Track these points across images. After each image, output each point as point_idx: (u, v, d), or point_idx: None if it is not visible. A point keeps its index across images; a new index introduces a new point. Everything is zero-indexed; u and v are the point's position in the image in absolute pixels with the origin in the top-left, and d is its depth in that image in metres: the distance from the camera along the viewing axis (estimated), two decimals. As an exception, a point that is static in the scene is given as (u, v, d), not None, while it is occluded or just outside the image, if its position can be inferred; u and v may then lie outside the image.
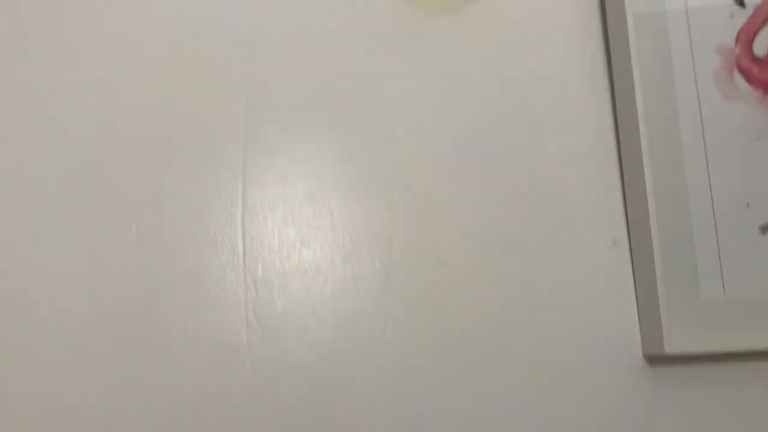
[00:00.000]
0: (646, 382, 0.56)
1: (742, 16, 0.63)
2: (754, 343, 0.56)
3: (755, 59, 0.63)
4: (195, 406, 0.51)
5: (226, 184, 0.55)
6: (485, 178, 0.59)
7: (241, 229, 0.55)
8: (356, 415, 0.53)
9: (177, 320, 0.52)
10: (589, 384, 0.57)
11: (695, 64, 0.62)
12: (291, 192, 0.56)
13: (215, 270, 0.54)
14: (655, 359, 0.57)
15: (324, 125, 0.58)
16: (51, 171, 0.54)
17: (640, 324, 0.58)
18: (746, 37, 0.63)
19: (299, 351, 0.53)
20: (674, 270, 0.57)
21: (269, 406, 0.52)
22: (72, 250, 0.53)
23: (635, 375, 0.57)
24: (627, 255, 0.59)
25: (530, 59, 0.62)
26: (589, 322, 0.58)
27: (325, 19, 0.60)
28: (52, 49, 0.56)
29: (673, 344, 0.55)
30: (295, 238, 0.55)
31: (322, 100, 0.58)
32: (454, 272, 0.57)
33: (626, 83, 0.60)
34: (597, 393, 0.57)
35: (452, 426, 0.54)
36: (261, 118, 0.57)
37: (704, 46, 0.62)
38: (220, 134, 0.56)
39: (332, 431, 0.52)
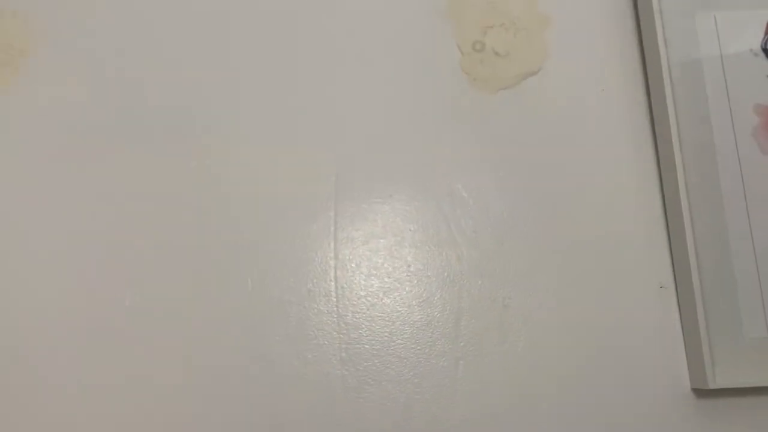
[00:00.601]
0: (694, 414, 0.63)
1: (778, 77, 0.69)
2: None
3: (791, 117, 0.68)
4: (303, 428, 0.62)
5: (321, 244, 0.67)
6: (542, 233, 0.68)
7: (334, 281, 0.66)
8: (432, 430, 0.62)
9: (285, 359, 0.64)
10: (643, 415, 0.63)
11: (734, 122, 0.68)
12: (374, 249, 0.67)
13: (314, 316, 0.65)
14: (702, 393, 0.63)
15: (401, 192, 0.68)
16: (173, 237, 0.67)
17: (687, 361, 0.64)
18: (783, 95, 0.69)
19: (384, 384, 0.63)
20: (717, 310, 0.64)
21: (359, 429, 0.62)
22: (198, 298, 0.65)
23: (684, 407, 0.63)
24: (674, 298, 0.66)
25: (579, 124, 0.70)
26: (641, 360, 0.65)
27: (400, 100, 0.71)
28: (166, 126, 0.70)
29: (717, 379, 0.61)
30: (378, 288, 0.66)
31: (398, 170, 0.69)
32: (516, 315, 0.66)
33: (666, 140, 0.67)
34: (650, 423, 0.63)
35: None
36: (348, 189, 0.68)
37: (742, 106, 0.69)
38: (315, 203, 0.68)
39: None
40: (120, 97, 0.70)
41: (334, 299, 0.66)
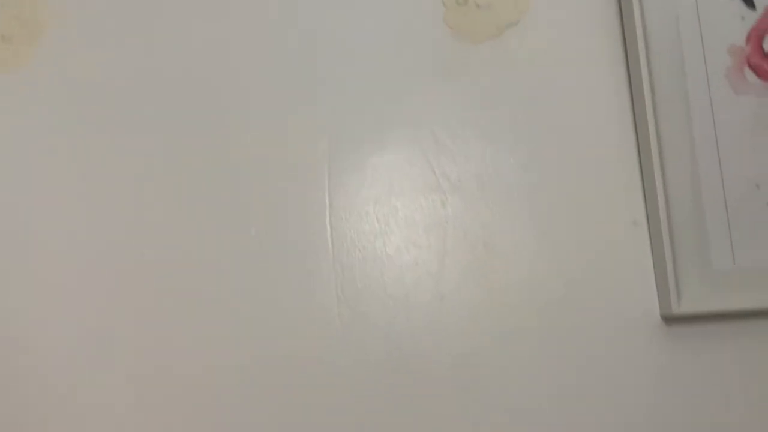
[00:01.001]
0: (663, 339, 0.68)
1: (752, 18, 0.71)
2: (757, 304, 0.66)
3: (765, 55, 0.71)
4: (297, 362, 0.69)
5: (317, 194, 0.73)
6: (521, 177, 0.72)
7: (329, 227, 0.72)
8: (421, 366, 0.69)
9: (286, 297, 0.71)
10: (617, 342, 0.69)
11: (707, 64, 0.71)
12: (365, 197, 0.73)
13: (312, 259, 0.71)
14: (670, 319, 0.68)
15: (389, 143, 0.74)
16: (187, 191, 0.74)
17: (657, 290, 0.69)
18: (757, 36, 0.71)
19: (376, 319, 0.70)
20: (686, 244, 0.68)
21: (354, 358, 0.69)
22: (207, 245, 0.73)
23: (654, 333, 0.68)
24: (646, 233, 0.70)
25: (558, 73, 0.74)
26: (615, 292, 0.70)
27: (387, 54, 0.75)
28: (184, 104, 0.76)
29: (681, 305, 0.66)
30: (369, 232, 0.72)
31: (386, 122, 0.74)
32: (497, 255, 0.71)
33: (639, 83, 0.70)
34: (624, 348, 0.69)
35: (494, 370, 0.68)
36: (340, 142, 0.74)
37: (716, 48, 0.71)
38: (310, 157, 0.74)
39: (403, 378, 0.69)
40: (134, 67, 0.77)
41: (330, 244, 0.72)
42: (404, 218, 0.73)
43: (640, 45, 0.70)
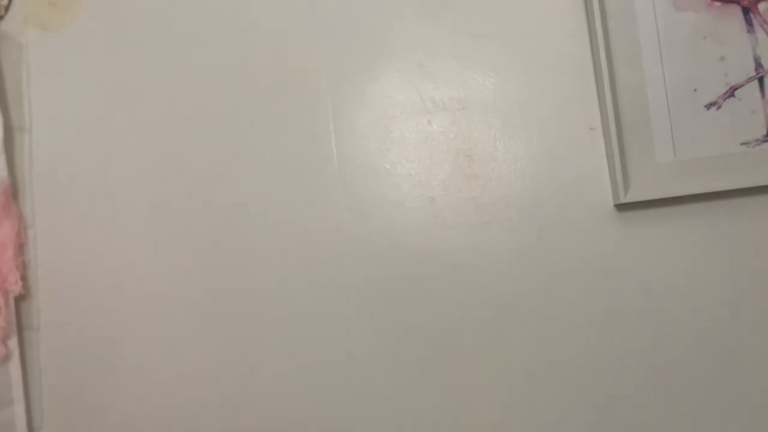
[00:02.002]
0: (616, 224, 0.81)
1: (692, -61, 0.80)
2: (694, 190, 0.78)
3: (704, -27, 0.80)
4: (313, 258, 0.86)
5: (323, 119, 0.87)
6: (494, 96, 0.85)
7: (335, 148, 0.87)
8: (417, 256, 0.84)
9: (302, 207, 0.86)
10: (577, 227, 0.83)
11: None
12: (364, 121, 0.87)
13: (321, 177, 0.87)
14: (621, 207, 0.81)
15: (381, 73, 0.87)
16: (216, 117, 0.90)
17: (611, 184, 0.82)
18: (697, -46, 0.81)
19: (378, 219, 0.85)
20: (634, 142, 0.80)
21: (361, 254, 0.85)
22: (232, 169, 0.88)
23: (608, 219, 0.82)
24: (601, 137, 0.82)
25: (525, 3, 0.85)
26: (575, 187, 0.83)
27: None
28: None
29: (629, 194, 0.79)
30: (368, 151, 0.86)
31: (378, 55, 0.87)
32: (477, 163, 0.85)
33: (593, 4, 0.81)
34: (581, 231, 0.82)
35: (476, 258, 0.83)
36: (339, 76, 0.87)
37: (660, -31, 0.81)
38: (315, 88, 0.87)
39: (402, 268, 0.84)
40: (161, 24, 0.91)
41: (335, 162, 0.87)
42: (397, 137, 0.86)
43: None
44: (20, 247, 0.90)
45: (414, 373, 0.84)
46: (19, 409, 0.88)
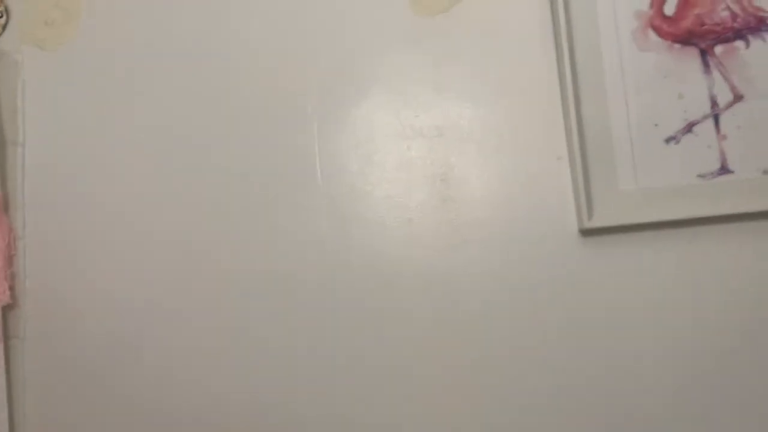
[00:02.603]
0: (580, 249, 0.87)
1: (655, -15, 0.87)
2: (654, 217, 0.84)
3: (665, 18, 0.87)
4: (295, 273, 0.90)
5: (307, 143, 0.92)
6: (470, 122, 0.90)
7: (319, 168, 0.92)
8: (394, 274, 0.89)
9: (285, 223, 0.91)
10: (543, 252, 0.88)
11: (617, 24, 0.87)
12: (347, 142, 0.92)
13: (305, 194, 0.91)
14: (585, 232, 0.87)
15: (366, 97, 0.92)
16: (214, 129, 0.94)
17: (576, 210, 0.87)
18: (658, 1, 0.87)
19: (358, 237, 0.90)
20: (598, 171, 0.86)
21: (340, 270, 0.89)
22: (218, 186, 0.93)
23: (572, 245, 0.87)
24: (567, 165, 0.88)
25: (497, 36, 0.91)
26: (542, 213, 0.88)
27: (363, 24, 0.93)
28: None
29: (593, 219, 0.85)
30: (351, 171, 0.91)
31: (364, 81, 0.92)
32: (452, 185, 0.90)
33: (560, 41, 0.87)
34: (545, 254, 0.87)
35: (451, 276, 0.88)
36: (327, 99, 0.92)
37: (625, 12, 0.88)
38: (303, 109, 0.92)
39: (380, 284, 0.89)
40: (154, 39, 0.95)
41: (320, 181, 0.91)
42: (378, 160, 0.91)
43: (561, 13, 0.86)
44: (10, 258, 0.93)
45: (388, 392, 0.88)
46: (2, 416, 0.90)
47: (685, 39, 0.87)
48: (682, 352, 0.84)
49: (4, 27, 0.97)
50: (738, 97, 0.85)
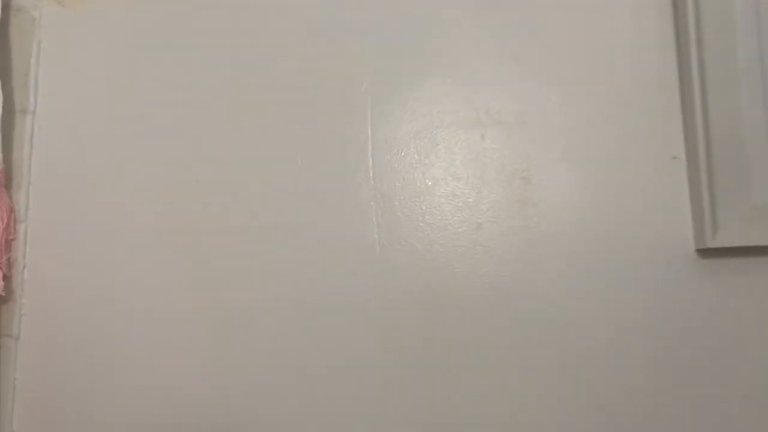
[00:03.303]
0: (696, 273, 0.68)
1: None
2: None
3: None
4: (338, 285, 0.73)
5: (360, 127, 0.76)
6: (561, 111, 0.73)
7: (371, 158, 0.75)
8: (457, 291, 0.72)
9: (329, 225, 0.75)
10: (651, 274, 0.70)
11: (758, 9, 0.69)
12: (405, 131, 0.75)
13: (354, 189, 0.75)
14: (704, 252, 0.68)
15: (429, 79, 0.76)
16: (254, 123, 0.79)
17: (693, 224, 0.69)
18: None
19: (414, 244, 0.73)
20: (725, 178, 0.67)
21: (392, 282, 0.73)
22: (256, 175, 0.77)
23: (688, 266, 0.69)
24: (684, 168, 0.70)
25: (602, 9, 0.74)
26: (651, 225, 0.71)
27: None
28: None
29: (717, 239, 0.66)
30: (409, 164, 0.75)
31: (425, 62, 0.76)
32: (534, 187, 0.72)
33: (684, 16, 0.69)
34: (658, 281, 0.69)
35: (527, 297, 0.71)
36: (381, 77, 0.76)
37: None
38: (354, 94, 0.77)
39: (439, 302, 0.72)
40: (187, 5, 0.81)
41: (371, 174, 0.75)
42: (443, 151, 0.75)
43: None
44: (7, 243, 0.80)
45: (437, 411, 0.71)
46: (-14, 426, 0.77)
47: None
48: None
49: (23, -21, 0.85)
50: None
